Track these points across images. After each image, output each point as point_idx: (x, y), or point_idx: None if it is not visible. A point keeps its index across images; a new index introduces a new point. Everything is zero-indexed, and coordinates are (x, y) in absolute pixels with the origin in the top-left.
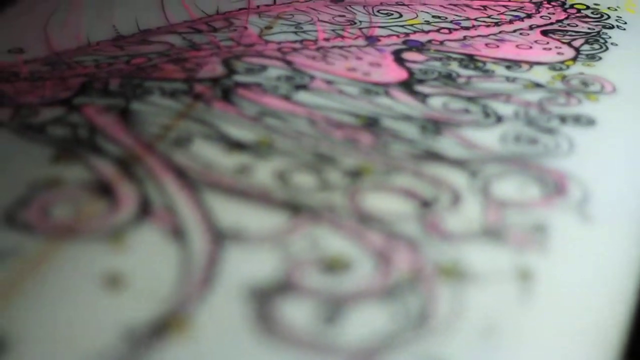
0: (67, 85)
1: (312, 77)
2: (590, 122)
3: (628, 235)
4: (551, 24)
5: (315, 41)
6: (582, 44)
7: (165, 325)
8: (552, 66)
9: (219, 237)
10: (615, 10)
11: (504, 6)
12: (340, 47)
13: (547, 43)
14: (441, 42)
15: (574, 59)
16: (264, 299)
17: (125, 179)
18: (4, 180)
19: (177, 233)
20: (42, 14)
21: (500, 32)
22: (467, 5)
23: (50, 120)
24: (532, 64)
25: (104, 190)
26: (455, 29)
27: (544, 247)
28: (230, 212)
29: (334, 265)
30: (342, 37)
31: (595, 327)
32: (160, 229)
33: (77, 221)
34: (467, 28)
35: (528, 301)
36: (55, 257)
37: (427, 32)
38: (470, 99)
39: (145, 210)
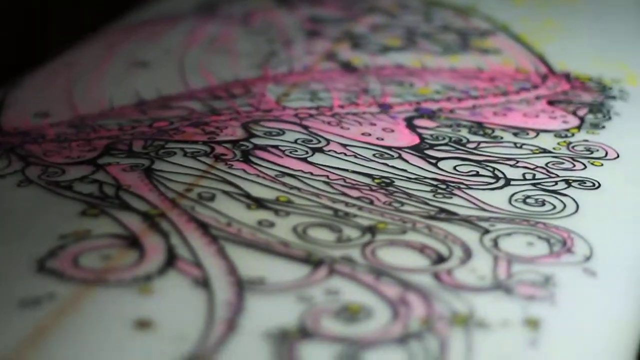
0: (92, 146)
1: (328, 141)
2: (594, 185)
3: (628, 288)
4: (556, 94)
5: (331, 108)
6: (586, 113)
7: None
8: (558, 133)
9: (242, 286)
10: (618, 82)
11: (511, 77)
12: (355, 114)
13: (553, 112)
14: (451, 110)
15: (579, 127)
16: (285, 345)
17: (151, 232)
18: (35, 233)
19: (202, 282)
20: (66, 79)
21: (507, 102)
22: (476, 77)
23: (78, 178)
24: (538, 131)
25: (132, 242)
26: (465, 98)
27: (550, 299)
28: (251, 264)
29: (351, 314)
30: (356, 104)
31: None
32: (185, 278)
33: (107, 270)
34: (475, 97)
35: (536, 349)
36: (86, 303)
37: (438, 100)
38: (479, 163)
39: (171, 261)
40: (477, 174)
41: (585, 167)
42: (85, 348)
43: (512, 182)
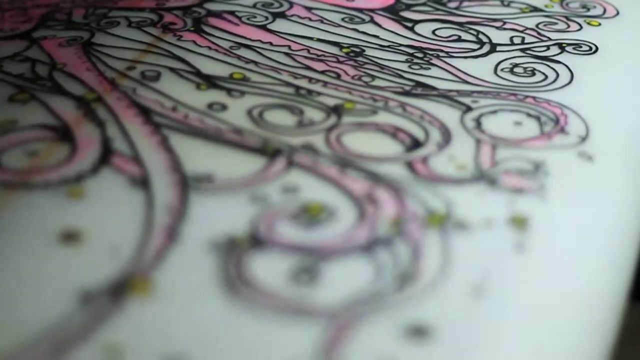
0: (27, 16)
1: (291, 4)
2: (591, 49)
3: (629, 174)
4: None
5: None
6: None
7: (126, 286)
8: None
9: (186, 185)
10: None
11: None
12: None
13: None
14: None
15: None
16: (235, 255)
17: (85, 121)
18: None
19: (140, 182)
20: None
21: None
22: None
23: (8, 56)
24: None
25: (63, 134)
26: None
27: (540, 192)
28: (198, 158)
29: (311, 216)
30: None
31: (596, 275)
32: (121, 177)
33: (32, 170)
34: None
35: (522, 254)
36: (6, 209)
37: None
38: (461, 25)
39: (106, 156)
40: (459, 39)
41: (581, 27)
42: (2, 265)
43: (498, 48)
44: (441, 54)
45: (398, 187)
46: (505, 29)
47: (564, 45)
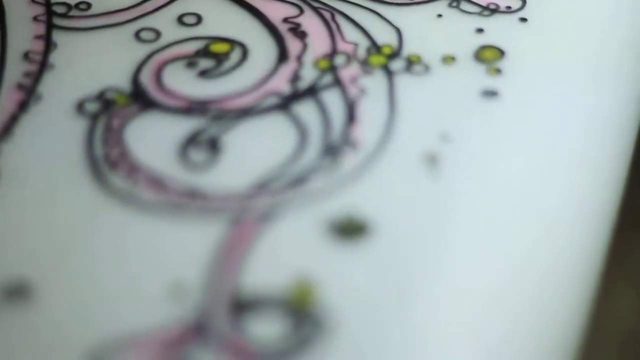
0: None
1: None
2: None
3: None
4: None
5: None
6: None
7: None
8: None
9: (51, 21)
10: None
11: None
12: None
13: None
14: None
15: None
16: (108, 123)
17: None
18: None
19: None
20: None
21: None
22: None
23: None
24: None
25: None
26: None
27: (520, 8)
28: None
29: (215, 60)
30: None
31: (594, 127)
32: None
33: None
34: None
35: (493, 103)
36: None
37: None
38: None
39: None
40: None
41: None
42: None
43: None
44: None
45: (332, 12)
46: None
47: None
